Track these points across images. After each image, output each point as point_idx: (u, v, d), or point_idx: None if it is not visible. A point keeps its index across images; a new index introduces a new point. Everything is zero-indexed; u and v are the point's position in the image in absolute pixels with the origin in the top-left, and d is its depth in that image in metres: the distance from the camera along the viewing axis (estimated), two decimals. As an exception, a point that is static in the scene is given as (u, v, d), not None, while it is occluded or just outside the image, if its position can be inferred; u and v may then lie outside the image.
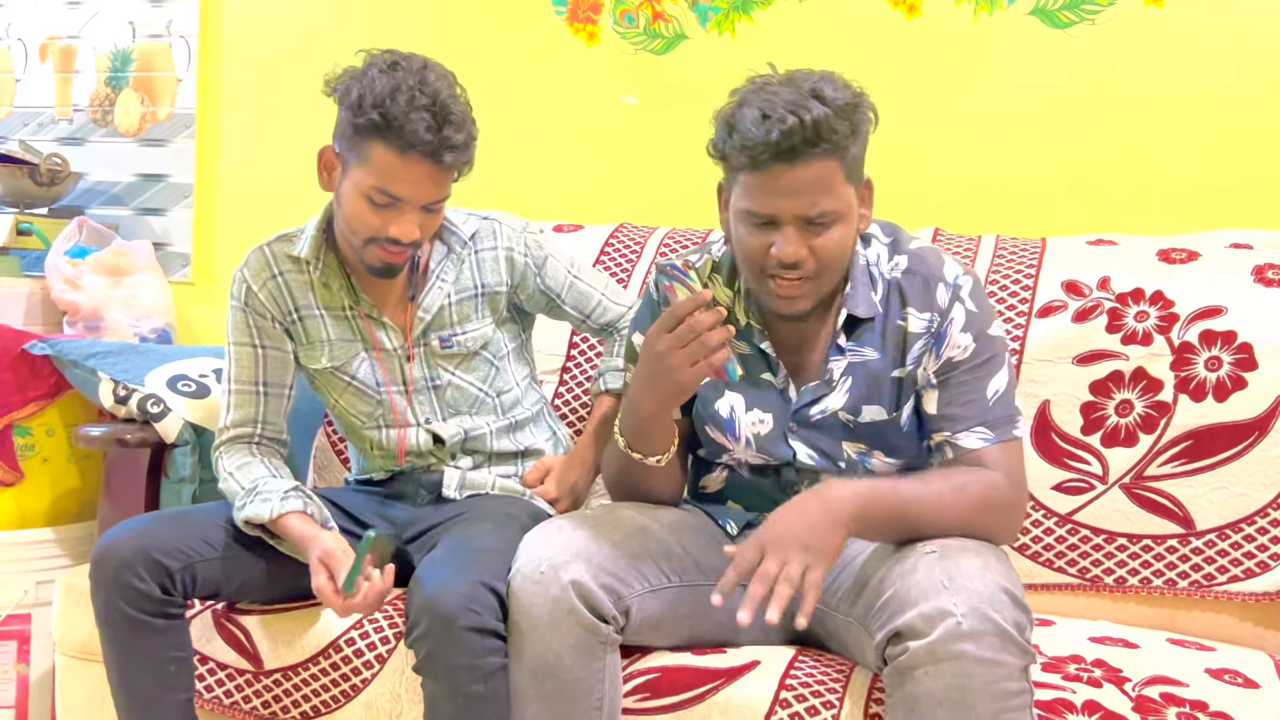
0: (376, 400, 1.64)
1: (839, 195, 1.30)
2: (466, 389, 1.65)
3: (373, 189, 1.47)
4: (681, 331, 1.26)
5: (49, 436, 2.16)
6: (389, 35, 2.50)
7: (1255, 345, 1.65)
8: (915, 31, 2.17)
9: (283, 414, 1.65)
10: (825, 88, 1.28)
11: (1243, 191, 2.00)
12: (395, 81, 1.43)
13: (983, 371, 1.36)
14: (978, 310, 1.38)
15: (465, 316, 1.64)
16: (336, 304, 1.62)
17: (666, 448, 1.41)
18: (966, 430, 1.35)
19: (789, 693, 1.28)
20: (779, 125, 1.25)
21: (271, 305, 1.61)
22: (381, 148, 1.45)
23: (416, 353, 1.63)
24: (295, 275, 1.62)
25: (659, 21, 2.32)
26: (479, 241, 1.66)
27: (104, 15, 2.69)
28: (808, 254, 1.31)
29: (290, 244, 1.62)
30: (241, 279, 1.62)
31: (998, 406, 1.35)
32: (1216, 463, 1.64)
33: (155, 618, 1.42)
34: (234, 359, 1.62)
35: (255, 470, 1.55)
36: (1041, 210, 2.10)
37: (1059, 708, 1.24)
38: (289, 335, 1.63)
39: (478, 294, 1.65)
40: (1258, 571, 1.60)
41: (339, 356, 1.63)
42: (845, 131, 1.28)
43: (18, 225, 2.50)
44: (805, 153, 1.26)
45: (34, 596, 2.07)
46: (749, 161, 1.28)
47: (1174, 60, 2.03)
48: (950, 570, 1.17)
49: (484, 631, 1.27)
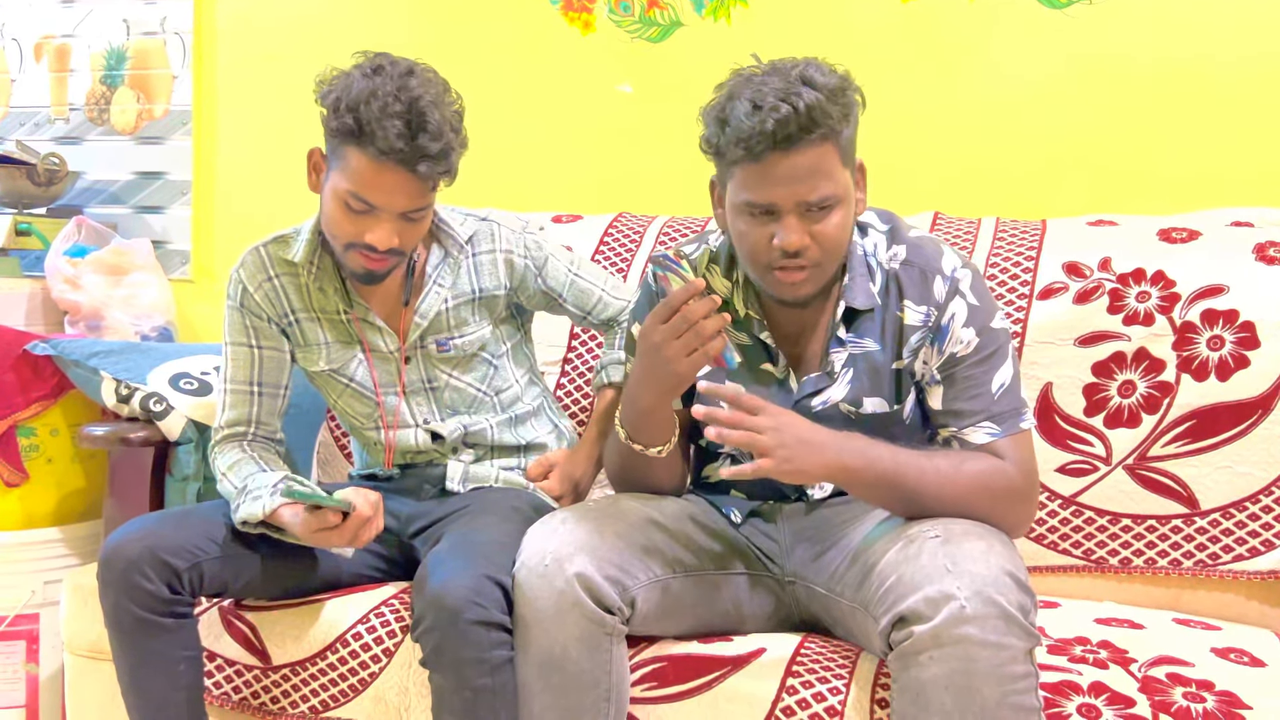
0: (374, 402, 1.64)
1: (837, 179, 1.30)
2: (465, 390, 1.65)
3: (348, 194, 1.45)
4: (676, 322, 1.27)
5: (53, 437, 2.16)
6: (384, 27, 2.50)
7: (1257, 324, 1.65)
8: (912, 14, 2.16)
9: (277, 413, 1.64)
10: (812, 73, 1.28)
11: (1243, 170, 2.00)
12: (373, 86, 1.41)
13: (987, 365, 1.35)
14: (979, 303, 1.37)
15: (462, 321, 1.63)
16: (331, 308, 1.61)
17: (667, 439, 1.41)
18: (973, 426, 1.34)
19: (795, 679, 1.28)
20: (773, 114, 1.25)
21: (267, 306, 1.61)
22: (357, 153, 1.43)
23: (412, 355, 1.62)
24: (290, 278, 1.61)
25: (654, 9, 2.31)
26: (476, 244, 1.64)
27: (98, 13, 2.68)
28: (810, 241, 1.30)
29: (285, 246, 1.61)
30: (237, 279, 1.62)
31: (1003, 400, 1.34)
32: (1220, 442, 1.64)
33: (164, 617, 1.42)
34: (230, 359, 1.62)
35: (245, 468, 1.55)
36: (1041, 192, 2.10)
37: (1065, 689, 1.24)
38: (286, 335, 1.63)
39: (475, 298, 1.63)
40: (1262, 550, 1.60)
41: (336, 359, 1.63)
42: (838, 115, 1.28)
43: (16, 226, 2.50)
44: (801, 139, 1.26)
45: (42, 596, 2.08)
46: (745, 153, 1.28)
47: (1172, 39, 2.02)
48: (953, 554, 1.17)
49: (490, 625, 1.27)
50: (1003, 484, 1.30)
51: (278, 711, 1.50)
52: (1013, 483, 1.31)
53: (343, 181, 1.46)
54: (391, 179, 1.43)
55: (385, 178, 1.43)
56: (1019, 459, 1.33)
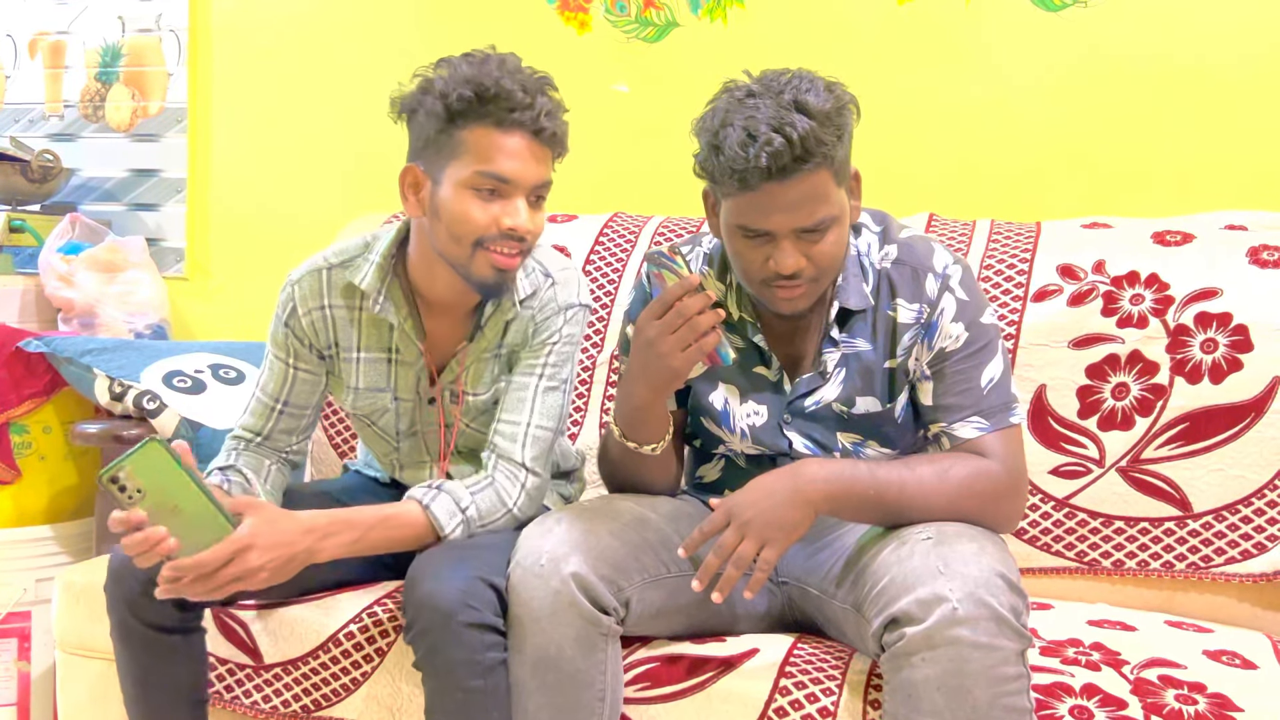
0: (394, 447, 1.60)
1: (832, 201, 1.29)
2: (474, 434, 1.59)
3: (476, 175, 1.37)
4: (670, 317, 1.27)
5: (45, 434, 2.16)
6: (380, 26, 2.50)
7: (1251, 327, 1.65)
8: (908, 15, 2.17)
9: (295, 431, 1.57)
10: (807, 97, 1.25)
11: (1238, 173, 2.00)
12: (480, 59, 1.39)
13: (976, 360, 1.35)
14: (969, 299, 1.37)
15: (478, 376, 1.54)
16: (379, 346, 1.53)
17: (661, 436, 1.41)
18: (962, 420, 1.34)
19: (788, 680, 1.28)
20: (766, 148, 1.23)
21: (312, 334, 1.53)
22: (479, 129, 1.37)
23: (438, 398, 1.56)
24: (344, 310, 1.52)
25: (650, 9, 2.31)
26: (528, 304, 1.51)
27: (93, 10, 2.68)
28: (806, 263, 1.30)
29: (353, 270, 1.50)
30: (290, 296, 1.53)
31: (992, 395, 1.34)
32: (1213, 445, 1.64)
33: (173, 634, 1.40)
34: (267, 367, 1.56)
35: (215, 462, 1.53)
36: (1036, 194, 2.10)
37: (1058, 691, 1.25)
38: (324, 359, 1.57)
39: (497, 354, 1.54)
40: (1255, 553, 1.60)
41: (361, 406, 1.57)
42: (832, 140, 1.25)
43: (10, 222, 2.49)
44: (796, 170, 1.25)
45: (33, 594, 2.08)
46: (740, 185, 1.27)
47: (1167, 41, 2.03)
48: (945, 555, 1.17)
49: (483, 627, 1.27)
50: (989, 486, 1.30)
51: (270, 711, 1.50)
52: (998, 483, 1.31)
53: (467, 166, 1.38)
54: (519, 144, 1.38)
55: (514, 143, 1.37)
56: (1005, 455, 1.33)
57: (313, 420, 1.60)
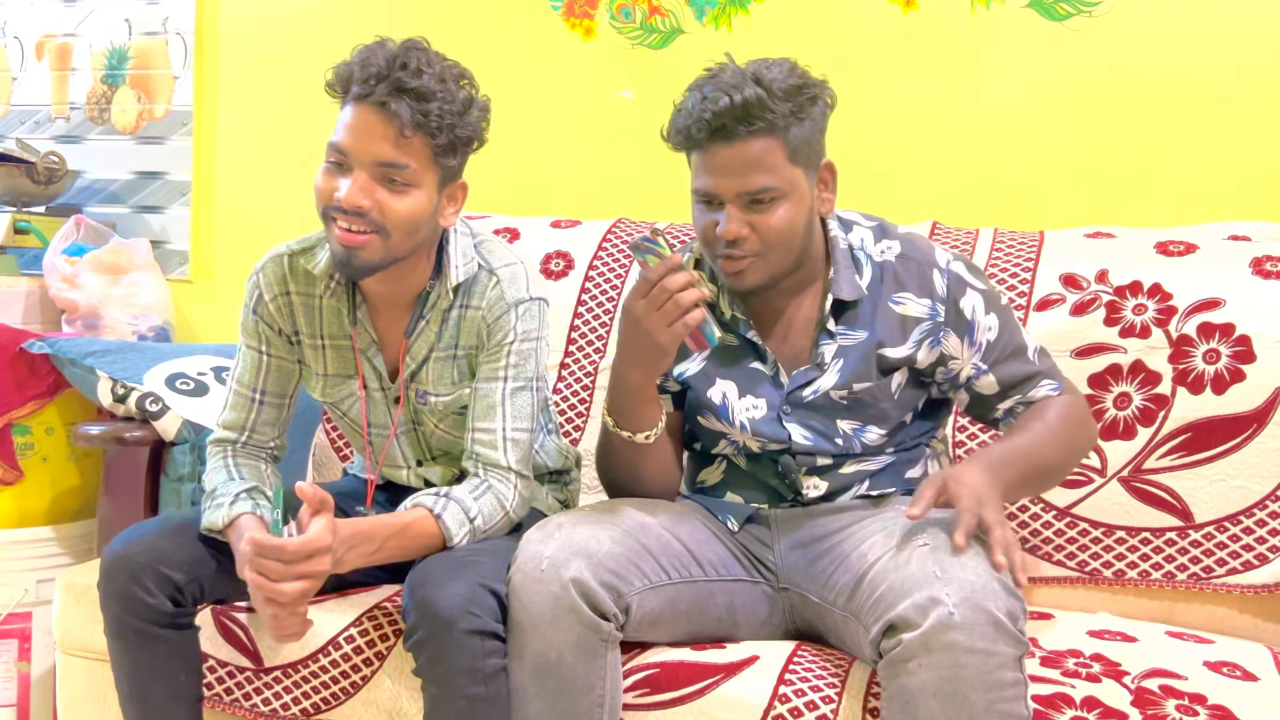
0: (365, 440, 1.60)
1: (779, 174, 1.33)
2: (446, 436, 1.58)
3: (328, 147, 1.38)
4: (655, 294, 1.29)
5: (48, 435, 2.16)
6: (386, 30, 2.48)
7: (1254, 337, 1.65)
8: (912, 24, 2.17)
9: (277, 423, 1.58)
10: (768, 71, 1.33)
11: (1241, 183, 2.00)
12: (380, 43, 1.40)
13: (1015, 338, 1.44)
14: (985, 287, 1.44)
15: (439, 377, 1.52)
16: (341, 333, 1.53)
17: (654, 423, 1.41)
18: (1035, 387, 1.44)
19: (788, 688, 1.28)
20: (711, 105, 1.30)
21: (279, 318, 1.54)
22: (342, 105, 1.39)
23: (405, 396, 1.54)
24: (303, 296, 1.53)
25: (656, 16, 2.31)
26: (468, 296, 1.49)
27: (100, 12, 2.68)
28: (749, 232, 1.34)
29: (310, 257, 1.51)
30: (255, 284, 1.54)
31: (1042, 359, 1.46)
32: (1215, 455, 1.64)
33: (166, 629, 1.40)
34: (241, 358, 1.57)
35: (217, 476, 1.51)
36: (1039, 203, 2.10)
37: (1058, 702, 1.24)
38: (294, 345, 1.58)
39: (454, 354, 1.51)
40: (1256, 564, 1.60)
41: (331, 394, 1.58)
42: (784, 111, 1.31)
43: (15, 224, 2.50)
44: (739, 131, 1.31)
45: (34, 595, 2.07)
46: (685, 139, 1.34)
47: (1171, 52, 2.03)
48: (942, 561, 1.18)
49: (484, 634, 1.27)
50: (1079, 410, 1.45)
51: (269, 713, 1.50)
52: (1081, 405, 1.47)
53: None
54: (362, 118, 1.35)
55: (357, 117, 1.35)
56: (1069, 387, 1.47)
57: (289, 413, 1.60)
